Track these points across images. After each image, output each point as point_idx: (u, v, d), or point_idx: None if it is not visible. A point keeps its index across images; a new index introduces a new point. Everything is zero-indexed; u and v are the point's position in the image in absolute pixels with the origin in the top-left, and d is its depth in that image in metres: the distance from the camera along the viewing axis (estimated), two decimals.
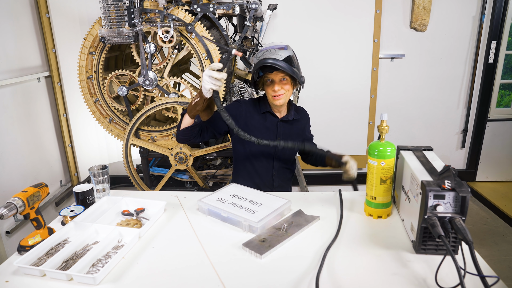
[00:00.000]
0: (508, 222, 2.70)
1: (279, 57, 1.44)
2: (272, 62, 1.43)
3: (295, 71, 1.48)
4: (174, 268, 1.02)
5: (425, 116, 3.19)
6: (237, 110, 1.62)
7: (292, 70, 1.46)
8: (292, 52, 1.50)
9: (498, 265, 2.22)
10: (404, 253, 1.06)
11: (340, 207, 1.33)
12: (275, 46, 1.51)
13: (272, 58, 1.44)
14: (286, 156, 1.68)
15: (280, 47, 1.50)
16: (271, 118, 1.64)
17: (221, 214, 1.26)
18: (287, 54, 1.46)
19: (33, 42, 2.50)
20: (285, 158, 1.69)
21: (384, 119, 1.20)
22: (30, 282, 0.98)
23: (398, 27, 2.97)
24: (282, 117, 1.64)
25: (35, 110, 2.48)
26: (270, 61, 1.43)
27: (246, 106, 1.64)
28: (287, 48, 1.50)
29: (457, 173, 1.02)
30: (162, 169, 2.32)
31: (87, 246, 1.12)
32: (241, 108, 1.62)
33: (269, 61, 1.43)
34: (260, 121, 1.63)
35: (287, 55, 1.46)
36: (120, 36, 1.93)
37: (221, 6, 1.95)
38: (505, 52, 3.01)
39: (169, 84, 2.08)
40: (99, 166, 1.42)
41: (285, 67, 1.44)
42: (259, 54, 1.50)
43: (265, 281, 0.96)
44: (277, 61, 1.43)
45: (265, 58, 1.45)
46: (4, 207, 1.06)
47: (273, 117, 1.64)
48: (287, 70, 1.44)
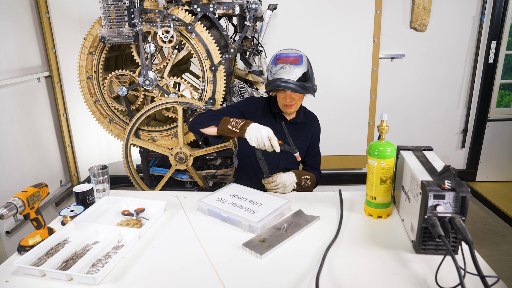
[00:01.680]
0: (508, 222, 2.70)
1: (293, 77, 1.47)
2: (285, 86, 1.45)
3: (307, 86, 1.50)
4: (174, 268, 1.02)
5: (425, 116, 3.19)
6: (252, 106, 1.65)
7: (304, 88, 1.49)
8: (307, 64, 1.51)
9: (498, 265, 2.22)
10: (404, 253, 1.06)
11: (340, 207, 1.33)
12: (290, 56, 1.50)
13: (285, 81, 1.45)
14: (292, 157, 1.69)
15: (295, 57, 1.49)
16: (280, 119, 1.66)
17: (221, 214, 1.26)
18: (302, 71, 1.48)
19: (33, 42, 2.50)
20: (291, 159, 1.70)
21: (384, 119, 1.20)
22: (30, 282, 0.98)
23: (398, 27, 2.97)
24: (291, 119, 1.66)
25: (35, 110, 2.48)
26: (283, 84, 1.45)
27: (259, 103, 1.67)
28: (302, 61, 1.49)
29: (457, 173, 1.02)
30: (162, 169, 2.32)
31: (87, 246, 1.11)
32: (255, 105, 1.65)
33: (282, 85, 1.45)
34: (270, 121, 1.66)
35: (302, 72, 1.48)
36: (120, 36, 1.93)
37: (221, 6, 1.95)
38: (505, 52, 3.01)
39: (169, 84, 2.08)
40: (99, 166, 1.42)
41: (298, 89, 1.47)
42: (274, 71, 1.49)
43: (265, 281, 0.96)
44: (289, 84, 1.46)
45: (279, 80, 1.46)
46: (4, 207, 1.06)
47: (282, 119, 1.66)
48: (300, 91, 1.48)
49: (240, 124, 1.40)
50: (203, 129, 1.53)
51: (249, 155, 1.70)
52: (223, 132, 1.45)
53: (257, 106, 1.67)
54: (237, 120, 1.42)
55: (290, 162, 1.70)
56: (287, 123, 1.66)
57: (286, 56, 1.51)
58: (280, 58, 1.51)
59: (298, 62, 1.49)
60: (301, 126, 1.70)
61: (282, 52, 1.54)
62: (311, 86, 1.53)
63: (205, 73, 2.02)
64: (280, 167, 1.68)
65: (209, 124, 1.51)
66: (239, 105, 1.67)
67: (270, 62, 1.54)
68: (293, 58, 1.49)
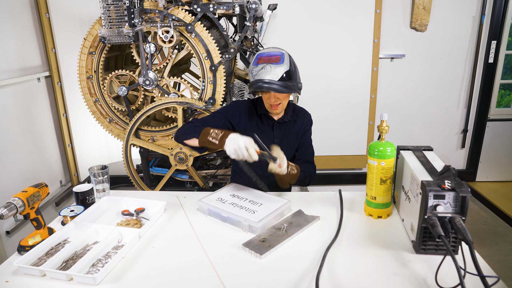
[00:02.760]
0: (508, 222, 2.70)
1: (275, 77, 1.43)
2: (267, 87, 1.42)
3: (291, 85, 1.46)
4: (174, 268, 1.02)
5: (425, 116, 3.19)
6: (237, 110, 1.62)
7: (288, 87, 1.45)
8: (289, 62, 1.47)
9: (498, 265, 2.22)
10: (404, 253, 1.06)
11: (340, 207, 1.33)
12: (272, 55, 1.47)
13: (267, 82, 1.42)
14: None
15: (276, 56, 1.46)
16: (267, 120, 1.63)
17: (221, 214, 1.26)
18: (283, 70, 1.44)
19: (33, 42, 2.50)
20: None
21: (384, 119, 1.20)
22: (30, 282, 0.98)
23: (398, 27, 2.97)
24: (278, 119, 1.63)
25: (35, 110, 2.48)
26: (265, 85, 1.42)
27: (244, 107, 1.63)
28: (284, 59, 1.46)
29: (457, 173, 1.02)
30: (162, 169, 2.32)
31: (87, 246, 1.11)
32: (240, 108, 1.62)
33: (265, 86, 1.42)
34: (257, 123, 1.63)
35: (284, 71, 1.44)
36: (120, 36, 1.93)
37: (221, 6, 1.95)
38: (505, 52, 3.01)
39: (169, 84, 2.08)
40: (99, 166, 1.42)
41: (281, 89, 1.43)
42: (255, 72, 1.46)
43: (265, 281, 0.96)
44: (271, 84, 1.42)
45: (261, 80, 1.43)
46: (4, 207, 1.06)
47: (269, 120, 1.63)
48: (283, 91, 1.44)
49: (219, 136, 1.37)
50: (186, 141, 1.50)
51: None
52: (204, 144, 1.41)
53: (243, 110, 1.63)
54: (216, 131, 1.38)
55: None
56: (274, 123, 1.63)
57: (268, 55, 1.47)
58: (261, 58, 1.47)
59: (280, 61, 1.45)
60: (290, 125, 1.66)
61: (263, 52, 1.51)
62: (295, 84, 1.49)
63: (205, 73, 2.02)
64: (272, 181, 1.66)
65: (190, 136, 1.48)
66: (224, 110, 1.63)
67: (252, 62, 1.51)
68: (275, 57, 1.46)
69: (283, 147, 1.64)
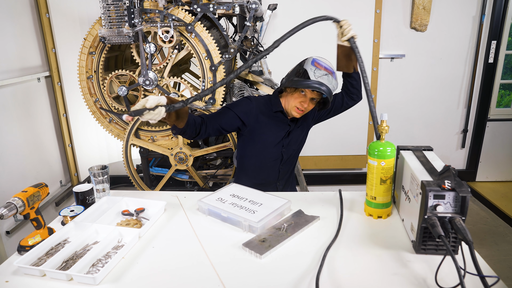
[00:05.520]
0: (508, 222, 2.70)
1: (332, 88, 1.51)
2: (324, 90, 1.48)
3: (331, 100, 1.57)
4: (174, 268, 1.02)
5: (425, 116, 3.19)
6: (248, 106, 1.63)
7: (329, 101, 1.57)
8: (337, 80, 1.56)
9: (498, 265, 2.22)
10: (404, 253, 1.06)
11: (340, 207, 1.33)
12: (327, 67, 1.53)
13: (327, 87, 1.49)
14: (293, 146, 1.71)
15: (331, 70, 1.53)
16: (282, 117, 1.66)
17: (221, 214, 1.26)
18: (335, 86, 1.54)
19: (33, 42, 2.50)
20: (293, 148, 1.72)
21: (384, 119, 1.20)
22: (30, 282, 0.98)
23: (398, 27, 2.97)
24: (292, 117, 1.66)
25: (35, 110, 2.48)
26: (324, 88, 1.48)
27: (256, 102, 1.65)
28: (335, 76, 1.55)
29: (457, 173, 1.02)
30: (162, 169, 2.32)
31: (87, 246, 1.11)
32: (252, 105, 1.64)
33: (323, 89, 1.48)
34: (271, 119, 1.65)
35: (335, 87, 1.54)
36: (120, 36, 1.93)
37: (221, 6, 1.95)
38: (505, 52, 3.01)
39: (169, 84, 2.08)
40: (99, 166, 1.42)
41: (329, 100, 1.55)
42: (318, 74, 1.49)
43: (265, 281, 0.96)
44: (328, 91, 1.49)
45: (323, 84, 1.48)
46: (4, 207, 1.06)
47: (283, 117, 1.66)
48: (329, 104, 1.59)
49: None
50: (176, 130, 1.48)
51: (249, 155, 1.70)
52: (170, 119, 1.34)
53: (256, 104, 1.64)
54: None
55: (291, 151, 1.72)
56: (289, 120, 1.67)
57: (325, 66, 1.53)
58: (318, 64, 1.52)
59: (333, 75, 1.53)
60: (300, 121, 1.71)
61: (318, 59, 1.56)
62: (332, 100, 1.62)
63: (205, 73, 2.02)
64: (284, 159, 1.69)
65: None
66: (234, 106, 1.62)
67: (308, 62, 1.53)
68: (330, 71, 1.53)
69: (293, 139, 1.69)
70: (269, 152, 1.67)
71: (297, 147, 1.75)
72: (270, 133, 1.65)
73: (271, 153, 1.67)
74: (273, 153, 1.68)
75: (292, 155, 1.74)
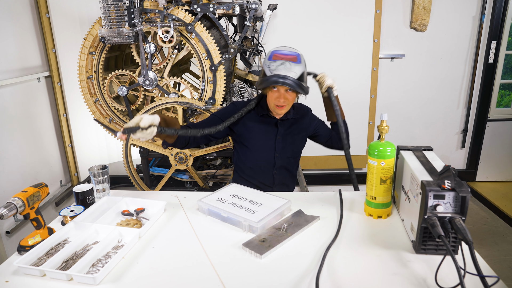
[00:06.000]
0: (508, 222, 2.70)
1: (293, 75, 1.43)
2: (283, 82, 1.42)
3: (303, 86, 1.49)
4: (174, 268, 1.02)
5: (425, 116, 3.19)
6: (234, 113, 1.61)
7: (301, 88, 1.46)
8: (304, 64, 1.49)
9: (498, 265, 2.22)
10: (404, 253, 1.06)
11: (340, 207, 1.33)
12: (288, 54, 1.46)
13: (284, 77, 1.42)
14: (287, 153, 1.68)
15: (293, 55, 1.46)
16: (269, 119, 1.64)
17: (221, 214, 1.26)
18: (301, 70, 1.45)
19: (33, 42, 2.50)
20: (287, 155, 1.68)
21: (384, 119, 1.20)
22: (30, 282, 0.98)
23: (398, 27, 2.97)
24: (281, 116, 1.63)
25: (35, 110, 2.48)
26: (281, 80, 1.42)
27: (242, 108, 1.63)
28: (300, 60, 1.47)
29: (457, 173, 1.02)
30: (162, 169, 2.32)
31: (87, 246, 1.11)
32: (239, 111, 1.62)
33: (281, 81, 1.42)
34: (258, 123, 1.63)
35: (301, 71, 1.46)
36: (120, 36, 1.93)
37: (221, 6, 1.95)
38: (505, 52, 3.01)
39: (169, 84, 2.08)
40: (99, 166, 1.42)
41: (296, 86, 1.44)
42: (273, 66, 1.44)
43: (265, 281, 0.96)
44: (288, 80, 1.42)
45: (278, 76, 1.42)
46: (4, 207, 1.06)
47: (271, 118, 1.63)
48: (298, 89, 1.46)
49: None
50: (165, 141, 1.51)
51: (243, 159, 1.68)
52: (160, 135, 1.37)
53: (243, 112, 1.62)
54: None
55: (286, 158, 1.68)
56: (278, 120, 1.63)
57: (284, 53, 1.46)
58: (277, 55, 1.46)
59: (297, 60, 1.46)
60: (293, 122, 1.67)
61: (279, 49, 1.49)
62: (306, 88, 1.51)
63: (205, 73, 2.02)
64: (277, 165, 1.67)
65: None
66: (221, 114, 1.62)
67: (266, 58, 1.49)
68: (292, 56, 1.46)
69: (287, 145, 1.65)
70: (261, 157, 1.65)
71: (292, 154, 1.69)
72: (259, 137, 1.63)
73: (263, 157, 1.65)
74: (265, 158, 1.65)
75: (287, 162, 1.69)
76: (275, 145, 1.64)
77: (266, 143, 1.64)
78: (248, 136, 1.63)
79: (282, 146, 1.65)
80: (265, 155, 1.65)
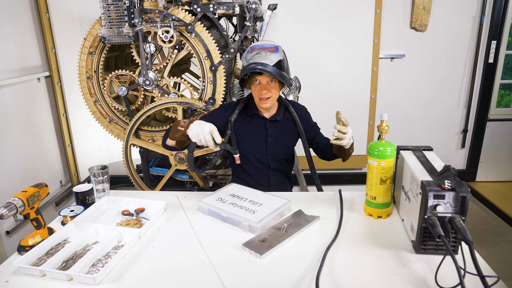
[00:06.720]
0: (508, 222, 2.70)
1: (269, 62, 1.43)
2: (261, 68, 1.41)
3: (284, 75, 1.47)
4: (174, 268, 1.02)
5: (425, 116, 3.19)
6: (224, 115, 1.62)
7: (281, 75, 1.45)
8: (283, 54, 1.49)
9: (498, 265, 2.22)
10: (404, 253, 1.06)
11: (340, 207, 1.33)
12: (266, 46, 1.48)
13: (261, 64, 1.42)
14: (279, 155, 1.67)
15: (271, 47, 1.47)
16: (258, 120, 1.63)
17: (221, 214, 1.26)
18: (277, 58, 1.45)
19: (33, 42, 2.50)
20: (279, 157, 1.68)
21: (384, 119, 1.20)
22: (30, 282, 0.98)
23: (398, 27, 2.97)
24: (270, 117, 1.63)
25: (35, 110, 2.48)
26: (259, 67, 1.41)
27: (231, 110, 1.63)
28: (278, 50, 1.47)
29: (457, 173, 1.02)
30: (162, 169, 2.32)
31: (87, 246, 1.12)
32: (227, 113, 1.62)
33: (259, 67, 1.41)
34: (247, 124, 1.63)
35: (278, 59, 1.45)
36: (120, 36, 1.93)
37: (221, 6, 1.95)
38: (505, 52, 3.01)
39: (169, 84, 2.08)
40: (99, 166, 1.42)
41: (275, 73, 1.43)
42: (249, 57, 1.46)
43: (265, 281, 0.96)
44: (266, 67, 1.42)
45: (255, 63, 1.42)
46: (4, 207, 1.06)
47: (260, 119, 1.62)
48: (277, 76, 1.44)
49: (187, 123, 1.35)
50: (167, 143, 1.50)
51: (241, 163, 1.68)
52: (175, 137, 1.36)
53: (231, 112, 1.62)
54: (185, 120, 1.37)
55: (279, 160, 1.67)
56: (266, 121, 1.62)
57: (262, 46, 1.48)
58: (254, 49, 1.47)
59: (274, 50, 1.46)
60: (284, 123, 1.66)
61: (257, 43, 1.51)
62: (287, 77, 1.50)
63: (205, 73, 2.02)
64: (271, 167, 1.67)
65: (165, 137, 1.49)
66: (211, 116, 1.62)
67: (245, 52, 1.50)
68: (269, 47, 1.47)
69: (279, 146, 1.65)
70: (253, 158, 1.65)
71: (284, 157, 1.68)
72: (250, 138, 1.63)
73: (255, 158, 1.64)
74: (258, 159, 1.64)
75: (281, 164, 1.69)
76: (267, 147, 1.63)
77: (257, 146, 1.63)
78: (238, 138, 1.63)
79: (274, 149, 1.64)
80: (258, 157, 1.64)
